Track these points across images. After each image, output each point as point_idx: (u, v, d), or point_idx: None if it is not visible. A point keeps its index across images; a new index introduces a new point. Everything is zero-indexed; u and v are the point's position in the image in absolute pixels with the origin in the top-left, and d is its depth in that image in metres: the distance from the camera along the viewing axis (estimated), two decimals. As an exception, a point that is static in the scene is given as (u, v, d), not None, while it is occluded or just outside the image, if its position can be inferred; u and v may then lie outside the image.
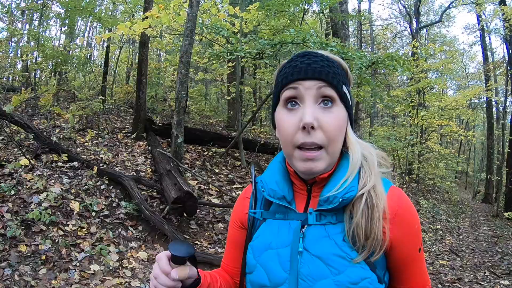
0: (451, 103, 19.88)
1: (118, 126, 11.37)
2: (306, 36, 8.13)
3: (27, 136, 8.04)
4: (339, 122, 1.20)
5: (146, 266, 5.80)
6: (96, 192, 6.99)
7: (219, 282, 1.43)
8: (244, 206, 1.43)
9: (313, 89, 1.19)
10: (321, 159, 1.19)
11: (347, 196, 1.18)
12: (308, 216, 1.24)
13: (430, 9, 33.86)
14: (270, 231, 1.29)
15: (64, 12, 15.27)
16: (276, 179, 1.32)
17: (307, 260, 1.19)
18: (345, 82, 1.27)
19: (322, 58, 1.24)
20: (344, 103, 1.24)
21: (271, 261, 1.24)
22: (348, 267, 1.15)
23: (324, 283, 1.15)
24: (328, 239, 1.19)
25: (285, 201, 1.28)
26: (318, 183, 1.28)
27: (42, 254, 5.26)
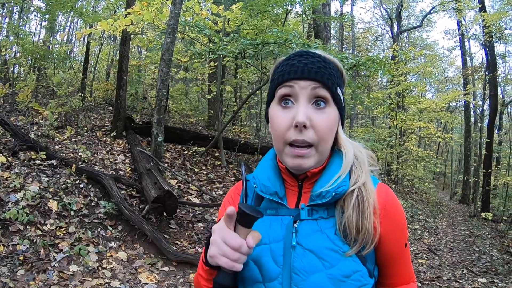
0: (430, 106, 20.10)
1: (98, 124, 11.25)
2: (288, 37, 8.14)
3: (4, 133, 7.90)
4: (330, 122, 1.23)
5: (126, 266, 5.75)
6: (75, 191, 6.90)
7: None
8: (235, 201, 1.44)
9: (307, 89, 1.21)
10: (310, 156, 1.22)
11: (339, 191, 1.21)
12: (300, 211, 1.26)
13: (411, 14, 34.28)
14: (261, 226, 1.28)
15: (45, 6, 15.06)
16: (268, 175, 1.34)
17: (300, 254, 1.21)
18: (340, 83, 1.29)
19: (319, 59, 1.26)
20: (337, 104, 1.26)
21: (264, 256, 1.25)
22: (341, 261, 1.17)
23: (317, 276, 1.17)
24: (321, 233, 1.22)
25: (277, 197, 1.30)
26: (309, 179, 1.30)
27: (20, 254, 5.17)
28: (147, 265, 5.90)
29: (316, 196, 1.23)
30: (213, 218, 7.74)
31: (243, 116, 19.79)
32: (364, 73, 16.54)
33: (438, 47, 38.91)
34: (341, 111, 1.30)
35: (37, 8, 16.15)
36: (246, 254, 1.11)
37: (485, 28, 17.29)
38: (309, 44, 8.46)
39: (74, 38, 22.76)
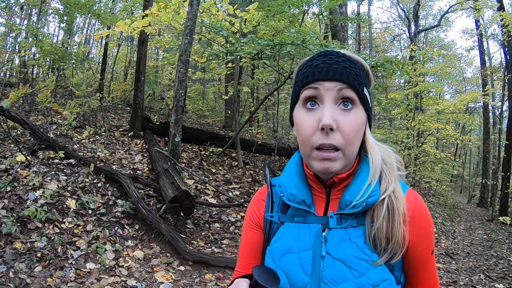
0: (448, 107, 19.88)
1: (115, 124, 11.33)
2: (306, 37, 8.11)
3: (23, 132, 8.00)
4: (357, 124, 1.18)
5: (142, 265, 5.78)
6: (93, 190, 6.96)
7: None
8: (261, 208, 1.42)
9: (333, 91, 1.17)
10: (338, 160, 1.17)
11: (370, 201, 1.18)
12: (329, 220, 1.23)
13: (428, 13, 33.91)
14: (289, 234, 1.27)
15: (63, 8, 15.21)
16: (294, 182, 1.30)
17: (329, 263, 1.18)
18: (366, 84, 1.25)
19: (344, 58, 1.21)
20: (364, 105, 1.22)
21: (292, 265, 1.23)
22: (369, 270, 1.15)
23: (346, 286, 1.15)
24: (350, 242, 1.19)
25: (304, 205, 1.26)
26: (337, 186, 1.27)
27: (38, 251, 5.23)
28: (163, 264, 5.92)
29: (346, 205, 1.20)
30: (230, 219, 7.75)
31: (260, 117, 19.78)
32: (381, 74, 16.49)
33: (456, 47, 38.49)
34: (368, 112, 1.25)
35: (55, 10, 16.32)
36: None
37: (503, 27, 17.02)
38: (327, 45, 8.43)
39: (92, 40, 22.99)
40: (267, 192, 1.39)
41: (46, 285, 4.76)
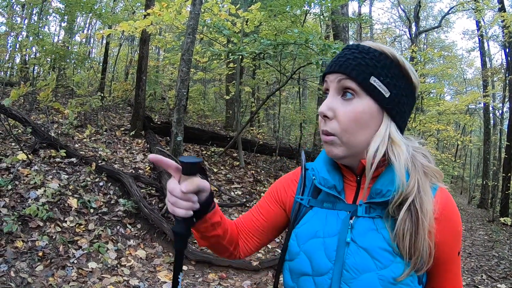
0: (449, 108, 19.88)
1: (117, 124, 11.30)
2: (309, 37, 8.10)
3: (24, 131, 7.96)
4: (354, 113, 1.19)
5: (145, 264, 5.75)
6: (95, 189, 6.92)
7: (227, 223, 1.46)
8: (291, 188, 1.46)
9: (334, 82, 1.23)
10: (335, 144, 1.22)
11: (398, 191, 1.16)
12: (357, 208, 1.24)
13: (429, 14, 33.92)
14: (317, 219, 1.29)
15: (64, 7, 15.19)
16: (327, 167, 1.34)
17: (353, 251, 1.19)
18: (379, 73, 1.21)
19: (355, 50, 1.23)
20: (372, 96, 1.20)
21: (316, 250, 1.24)
22: (394, 262, 1.14)
23: (368, 276, 1.15)
24: (376, 232, 1.19)
25: (335, 191, 1.29)
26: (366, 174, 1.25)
27: (39, 250, 5.19)
28: (165, 263, 5.89)
29: (376, 194, 1.21)
30: (232, 218, 7.70)
31: (261, 117, 19.76)
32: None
33: (456, 48, 38.53)
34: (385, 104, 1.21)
35: (56, 10, 16.30)
36: (182, 199, 1.14)
37: (504, 28, 17.02)
38: (330, 45, 8.41)
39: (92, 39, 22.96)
40: (301, 174, 1.43)
41: (47, 284, 4.72)
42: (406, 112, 1.27)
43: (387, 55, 1.23)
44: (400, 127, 1.25)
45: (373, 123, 1.21)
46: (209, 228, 1.30)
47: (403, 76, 1.25)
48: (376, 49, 1.24)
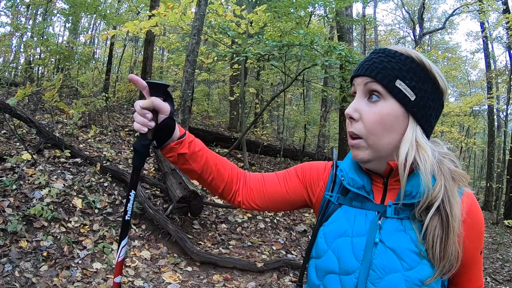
0: (454, 110, 19.84)
1: (121, 124, 11.29)
2: (314, 39, 8.09)
3: (29, 131, 7.98)
4: (380, 116, 1.21)
5: (149, 265, 5.73)
6: (99, 189, 6.91)
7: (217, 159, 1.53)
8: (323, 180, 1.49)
9: (361, 85, 1.26)
10: (361, 147, 1.25)
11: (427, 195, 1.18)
12: (386, 208, 1.26)
13: (433, 16, 33.87)
14: (346, 218, 1.31)
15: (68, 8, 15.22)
16: (356, 168, 1.37)
17: (381, 251, 1.20)
18: (404, 76, 1.22)
19: (382, 54, 1.27)
20: (397, 99, 1.21)
21: (344, 249, 1.25)
22: (420, 264, 1.16)
23: (394, 276, 1.16)
24: (404, 233, 1.21)
25: (364, 191, 1.31)
26: (394, 176, 1.29)
27: (44, 250, 5.18)
28: (170, 264, 5.88)
29: (405, 195, 1.22)
30: (237, 220, 7.70)
31: (265, 118, 19.75)
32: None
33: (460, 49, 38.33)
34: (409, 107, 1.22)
35: (61, 10, 16.33)
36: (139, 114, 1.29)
37: (509, 30, 17.01)
38: (335, 46, 8.41)
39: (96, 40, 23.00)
40: (331, 171, 1.47)
41: (52, 284, 4.71)
42: (432, 116, 1.26)
43: (413, 59, 1.24)
44: (426, 131, 1.26)
45: (398, 126, 1.23)
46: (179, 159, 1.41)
47: (430, 80, 1.25)
48: (402, 52, 1.25)
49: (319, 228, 1.37)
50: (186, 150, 1.39)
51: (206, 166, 1.45)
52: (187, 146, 1.39)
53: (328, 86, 14.76)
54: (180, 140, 1.38)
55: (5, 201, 5.67)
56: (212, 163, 1.47)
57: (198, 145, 1.45)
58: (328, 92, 14.57)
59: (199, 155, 1.43)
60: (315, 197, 1.48)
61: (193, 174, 1.46)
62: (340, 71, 10.73)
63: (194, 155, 1.42)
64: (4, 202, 5.63)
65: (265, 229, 7.79)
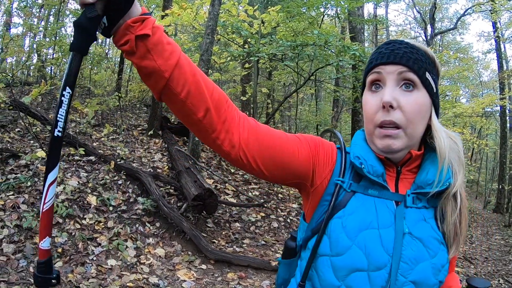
0: (466, 110, 19.72)
1: (133, 123, 11.33)
2: (328, 39, 8.08)
3: (43, 129, 8.01)
4: (418, 105, 1.23)
5: (164, 263, 5.73)
6: (113, 187, 6.93)
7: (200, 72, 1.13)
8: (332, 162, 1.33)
9: (394, 74, 1.24)
10: (399, 137, 1.22)
11: (448, 183, 1.23)
12: (406, 198, 1.25)
13: (444, 16, 33.70)
14: (365, 209, 1.25)
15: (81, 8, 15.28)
16: (372, 155, 1.31)
17: (409, 242, 1.20)
18: (429, 69, 1.27)
19: (406, 45, 1.28)
20: (427, 90, 1.25)
21: (373, 242, 1.20)
22: (440, 250, 1.22)
23: (423, 265, 1.19)
24: (425, 222, 1.24)
25: (382, 179, 1.27)
26: (409, 165, 1.31)
27: (59, 247, 5.21)
28: (184, 262, 5.87)
29: (426, 184, 1.24)
30: (250, 219, 7.69)
31: (276, 118, 19.73)
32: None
33: (472, 50, 38.22)
34: (433, 98, 1.28)
35: (73, 12, 16.44)
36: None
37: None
38: (349, 46, 8.40)
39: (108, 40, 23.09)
40: (339, 156, 1.35)
41: (67, 280, 4.71)
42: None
43: (429, 55, 1.30)
44: None
45: (427, 115, 1.27)
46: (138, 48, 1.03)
47: (437, 75, 1.33)
48: (420, 48, 1.29)
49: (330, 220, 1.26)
50: (148, 31, 1.01)
51: (179, 70, 1.06)
52: (150, 27, 1.02)
53: (340, 86, 14.74)
54: (141, 17, 1.02)
55: (20, 197, 5.71)
56: (189, 70, 1.08)
57: (168, 38, 1.07)
58: (340, 92, 14.54)
59: (168, 50, 1.05)
60: (321, 179, 1.31)
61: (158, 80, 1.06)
62: (353, 71, 10.70)
63: (160, 45, 1.04)
64: (19, 199, 5.66)
65: (279, 228, 7.77)
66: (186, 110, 1.11)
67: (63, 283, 4.67)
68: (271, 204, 8.60)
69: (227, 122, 1.16)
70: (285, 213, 8.46)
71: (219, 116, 1.14)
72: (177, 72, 1.05)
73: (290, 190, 9.82)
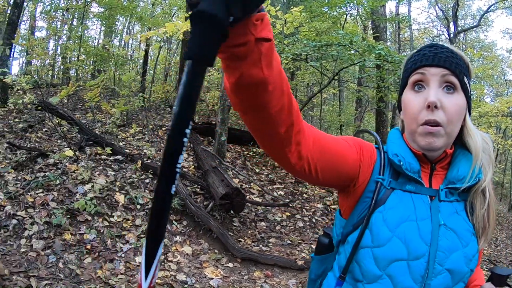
0: (491, 110, 19.41)
1: (158, 124, 11.42)
2: (353, 38, 8.06)
3: (69, 129, 8.12)
4: (459, 106, 1.30)
5: (191, 260, 5.75)
6: (141, 186, 7.00)
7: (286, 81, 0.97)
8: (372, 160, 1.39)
9: (438, 76, 1.30)
10: (440, 136, 1.29)
11: (477, 178, 1.31)
12: (440, 193, 1.33)
13: (467, 13, 33.18)
14: (404, 203, 1.32)
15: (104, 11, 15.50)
16: (410, 153, 1.38)
17: (444, 233, 1.28)
18: (466, 73, 1.35)
19: (448, 50, 1.34)
20: (464, 92, 1.33)
21: (411, 233, 1.27)
22: (471, 241, 1.31)
23: (456, 254, 1.27)
24: (457, 214, 1.33)
25: (418, 175, 1.34)
26: (442, 162, 1.38)
27: (87, 243, 5.28)
28: (212, 260, 5.89)
29: (457, 180, 1.32)
30: (275, 218, 7.68)
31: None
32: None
33: (496, 48, 37.59)
34: (468, 100, 1.35)
35: (97, 14, 16.65)
36: None
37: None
38: (374, 46, 8.35)
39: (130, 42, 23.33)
40: (378, 155, 1.41)
41: (96, 276, 4.77)
42: None
43: (465, 60, 1.37)
44: None
45: (463, 116, 1.35)
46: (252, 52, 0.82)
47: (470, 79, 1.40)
48: (458, 53, 1.36)
49: (372, 215, 1.32)
50: (270, 34, 0.83)
51: (280, 83, 0.93)
52: (270, 28, 0.84)
53: (364, 86, 14.66)
54: (261, 14, 0.80)
55: (49, 195, 5.81)
56: (285, 82, 0.96)
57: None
58: (364, 92, 14.46)
59: (276, 59, 0.90)
60: (363, 178, 1.36)
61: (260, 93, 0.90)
62: (377, 70, 10.63)
63: (272, 52, 0.87)
64: (48, 196, 5.76)
65: (304, 228, 7.75)
66: (270, 123, 0.98)
67: (92, 279, 4.72)
68: (296, 204, 8.58)
69: (300, 133, 1.08)
70: (310, 213, 8.44)
71: (297, 128, 1.05)
72: (278, 85, 0.92)
73: (315, 190, 9.79)
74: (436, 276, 1.26)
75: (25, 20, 17.57)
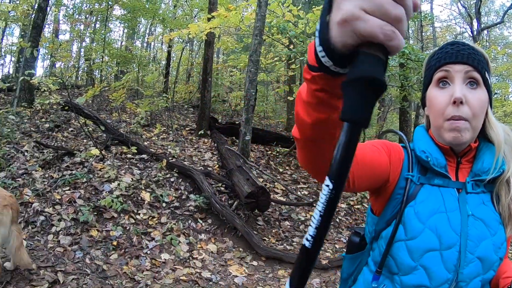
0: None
1: (182, 124, 11.50)
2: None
3: (94, 129, 8.22)
4: (482, 101, 1.35)
5: (216, 258, 5.78)
6: (166, 184, 7.06)
7: None
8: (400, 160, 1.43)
9: (461, 72, 1.35)
10: (466, 130, 1.33)
11: (501, 170, 1.37)
12: (466, 185, 1.39)
13: (490, 10, 32.62)
14: (433, 197, 1.37)
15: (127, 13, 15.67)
16: (436, 149, 1.43)
17: (473, 222, 1.34)
18: (487, 69, 1.39)
19: (469, 47, 1.39)
20: (486, 87, 1.38)
21: (442, 224, 1.33)
22: (499, 229, 1.36)
23: (485, 243, 1.32)
24: (483, 205, 1.38)
25: (445, 170, 1.40)
26: (467, 155, 1.42)
27: (114, 240, 5.37)
28: (236, 258, 5.90)
29: (482, 172, 1.37)
30: (299, 217, 7.65)
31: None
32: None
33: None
34: (490, 95, 1.40)
35: (120, 17, 16.82)
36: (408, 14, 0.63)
37: None
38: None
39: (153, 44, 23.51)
40: (406, 153, 1.46)
41: (122, 272, 4.84)
42: None
43: (485, 56, 1.41)
44: None
45: (485, 110, 1.39)
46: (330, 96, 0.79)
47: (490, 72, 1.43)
48: (479, 49, 1.40)
49: (404, 210, 1.37)
50: None
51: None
52: None
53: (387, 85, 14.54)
54: None
55: (76, 192, 5.91)
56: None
57: None
58: (387, 92, 14.35)
59: None
60: (393, 177, 1.42)
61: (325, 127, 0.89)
62: (401, 69, 10.55)
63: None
64: (75, 194, 5.85)
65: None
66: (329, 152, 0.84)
67: (118, 275, 4.78)
68: (320, 203, 8.54)
69: None
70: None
71: None
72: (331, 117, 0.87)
73: (338, 190, 9.74)
74: (467, 264, 1.31)
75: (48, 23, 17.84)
